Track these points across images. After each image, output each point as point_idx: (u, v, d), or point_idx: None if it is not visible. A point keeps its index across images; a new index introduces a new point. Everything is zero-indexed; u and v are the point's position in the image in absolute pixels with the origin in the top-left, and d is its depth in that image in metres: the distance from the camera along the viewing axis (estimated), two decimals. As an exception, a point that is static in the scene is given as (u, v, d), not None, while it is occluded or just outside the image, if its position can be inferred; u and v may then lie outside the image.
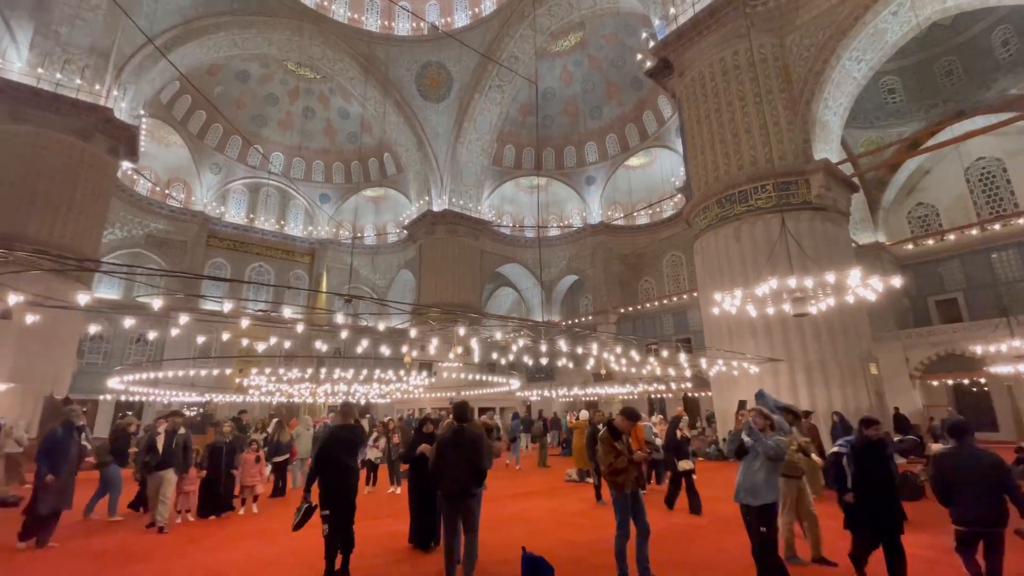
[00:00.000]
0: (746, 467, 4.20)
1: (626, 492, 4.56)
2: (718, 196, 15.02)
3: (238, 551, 5.85)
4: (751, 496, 4.12)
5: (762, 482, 4.09)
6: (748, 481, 4.15)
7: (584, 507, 8.01)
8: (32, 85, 16.93)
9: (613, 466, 4.53)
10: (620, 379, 25.13)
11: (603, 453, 4.62)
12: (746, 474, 4.18)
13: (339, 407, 5.11)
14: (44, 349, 16.74)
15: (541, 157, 31.04)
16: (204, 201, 27.14)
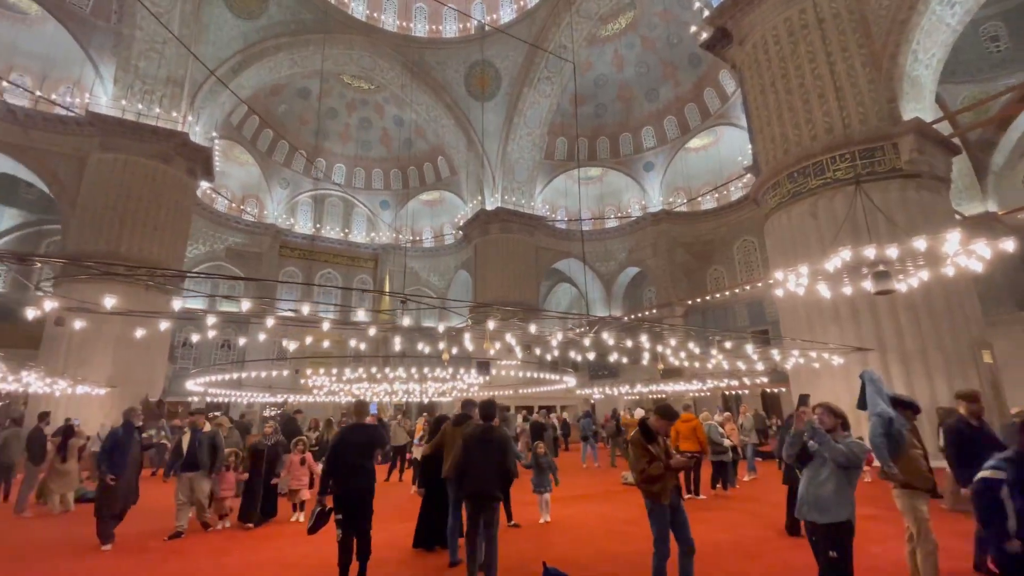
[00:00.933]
0: (811, 476, 3.45)
1: (663, 503, 3.93)
2: (789, 170, 13.60)
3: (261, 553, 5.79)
4: (817, 511, 3.36)
5: (831, 495, 3.32)
6: (813, 493, 3.39)
7: (637, 514, 7.25)
8: (118, 116, 18.62)
9: (646, 473, 3.92)
10: (689, 375, 23.71)
11: (635, 458, 4.02)
12: (811, 484, 3.43)
13: (352, 406, 4.88)
14: (139, 356, 18.30)
15: (577, 147, 30.07)
16: (275, 214, 28.84)
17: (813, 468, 3.45)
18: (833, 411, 3.54)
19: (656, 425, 4.10)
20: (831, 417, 3.52)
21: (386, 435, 5.05)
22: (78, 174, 18.58)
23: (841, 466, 3.30)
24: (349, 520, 4.31)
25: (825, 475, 3.36)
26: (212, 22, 21.01)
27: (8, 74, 18.09)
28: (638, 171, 29.76)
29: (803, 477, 3.51)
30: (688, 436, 8.84)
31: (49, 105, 18.01)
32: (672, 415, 4.11)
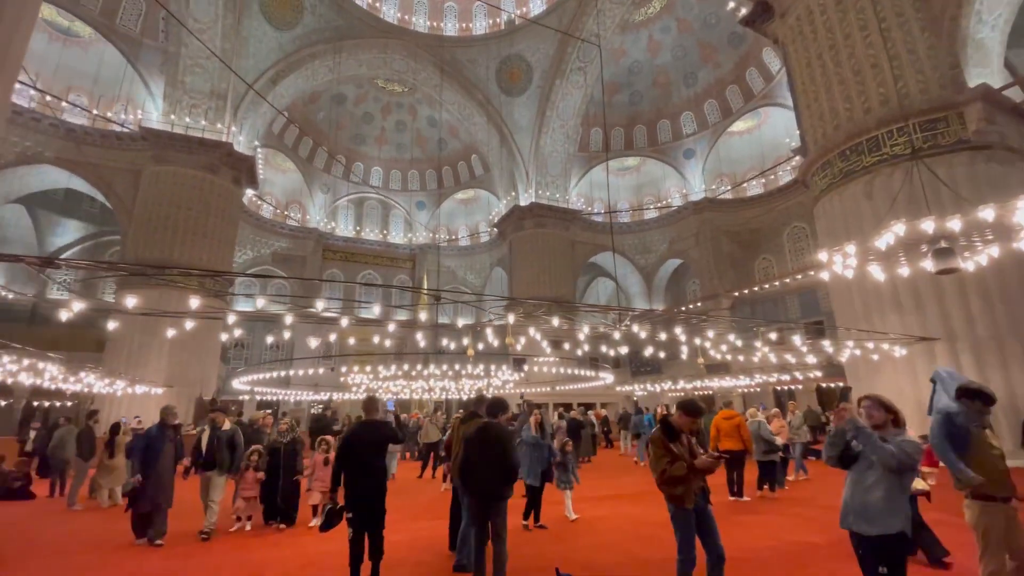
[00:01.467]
0: (856, 480, 3.00)
1: (686, 507, 3.57)
2: (840, 148, 12.63)
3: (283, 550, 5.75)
4: (864, 521, 2.91)
5: (880, 502, 2.87)
6: (859, 500, 2.94)
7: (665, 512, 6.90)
8: (168, 130, 19.61)
9: (668, 474, 3.56)
10: (736, 370, 22.66)
11: (655, 458, 3.67)
12: (855, 490, 2.98)
13: (362, 402, 4.75)
14: (192, 357, 19.27)
15: (609, 136, 29.21)
16: (317, 219, 29.72)
17: (858, 471, 2.99)
18: (883, 405, 3.06)
19: (679, 422, 3.73)
20: (880, 412, 3.04)
21: (401, 432, 4.83)
22: (134, 186, 19.70)
23: (891, 470, 2.85)
24: (359, 519, 4.21)
25: (872, 479, 2.90)
26: (252, 35, 21.76)
27: (66, 95, 19.40)
28: (677, 159, 28.69)
29: (847, 482, 3.07)
30: (730, 433, 8.33)
31: (105, 122, 19.19)
32: (696, 411, 3.73)
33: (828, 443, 3.13)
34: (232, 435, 6.54)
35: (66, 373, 11.40)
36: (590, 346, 22.34)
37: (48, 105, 18.53)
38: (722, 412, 8.72)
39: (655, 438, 3.70)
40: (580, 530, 6.25)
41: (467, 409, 5.41)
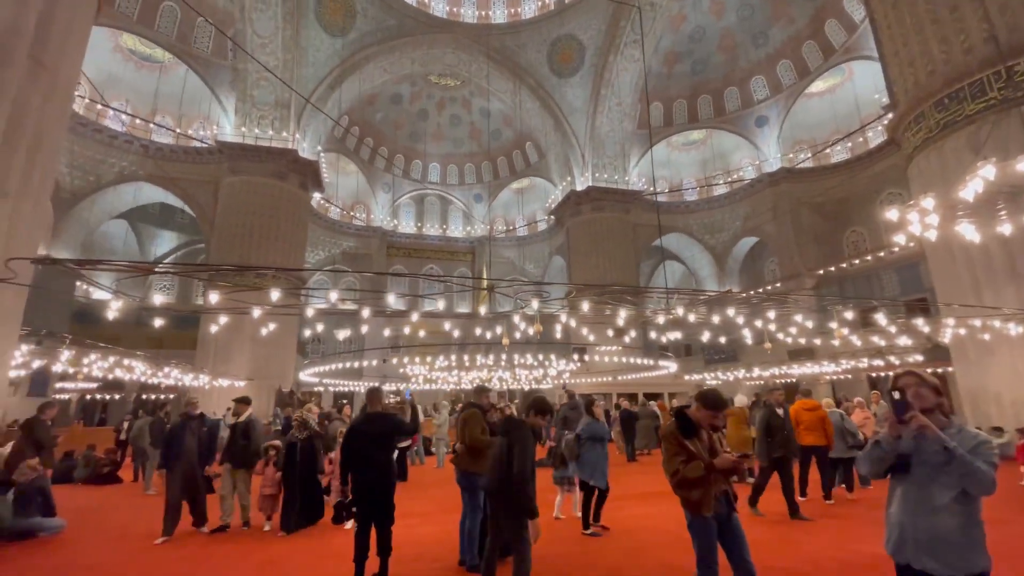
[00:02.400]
0: (916, 498, 2.19)
1: (704, 515, 3.03)
2: (936, 96, 10.91)
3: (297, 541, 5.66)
4: (933, 557, 2.11)
5: (957, 533, 2.09)
6: (924, 525, 2.14)
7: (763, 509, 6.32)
8: (240, 142, 21.01)
9: (681, 475, 3.05)
10: (823, 355, 20.62)
11: (667, 456, 3.16)
12: (918, 511, 2.17)
13: (365, 394, 4.59)
14: (272, 352, 20.62)
15: (671, 110, 27.35)
16: (381, 217, 30.78)
17: (917, 484, 2.19)
18: (931, 385, 2.27)
19: (698, 416, 3.18)
20: (931, 394, 2.24)
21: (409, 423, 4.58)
22: (214, 197, 21.37)
23: (976, 482, 2.05)
24: (363, 512, 4.08)
25: (945, 499, 2.10)
26: (310, 44, 22.70)
27: (153, 117, 21.36)
28: (749, 128, 26.46)
29: (897, 495, 2.30)
30: (814, 427, 7.23)
31: (187, 139, 20.92)
32: (716, 403, 3.16)
33: (873, 458, 2.31)
34: (246, 426, 6.25)
35: (153, 369, 12.50)
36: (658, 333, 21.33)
37: (138, 128, 20.53)
38: (802, 402, 7.62)
39: (667, 433, 3.18)
40: (615, 531, 5.74)
41: (467, 400, 5.13)
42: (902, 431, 2.20)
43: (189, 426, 6.11)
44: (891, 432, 2.23)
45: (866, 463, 2.34)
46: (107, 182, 19.94)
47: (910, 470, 2.23)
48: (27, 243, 5.70)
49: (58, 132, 6.24)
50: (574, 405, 7.80)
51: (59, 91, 6.07)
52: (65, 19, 6.03)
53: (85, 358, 10.54)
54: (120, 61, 20.57)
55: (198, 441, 6.12)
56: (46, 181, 6.07)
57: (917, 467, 2.22)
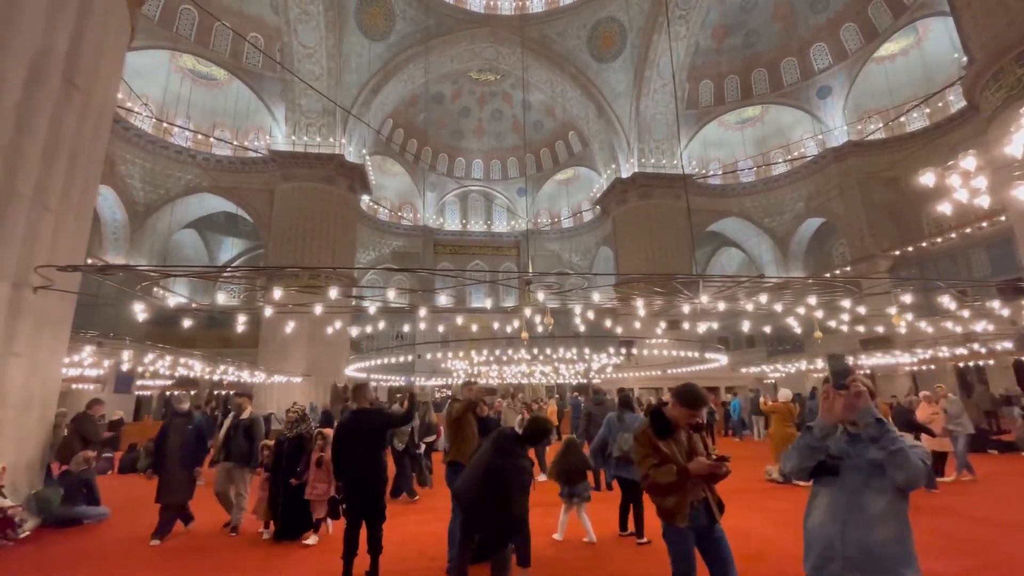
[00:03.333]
0: (847, 504, 1.86)
1: (679, 527, 2.70)
2: (1016, 50, 9.51)
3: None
4: (865, 574, 1.81)
5: (891, 544, 1.78)
6: (858, 537, 1.81)
7: (771, 525, 5.66)
8: (290, 150, 21.99)
9: (652, 480, 2.71)
10: (903, 343, 18.80)
11: (639, 458, 2.83)
12: (850, 522, 1.84)
13: (351, 390, 4.53)
14: (327, 349, 21.40)
15: (723, 87, 25.69)
16: (427, 216, 31.31)
17: (848, 490, 1.87)
18: (867, 386, 1.96)
19: (675, 414, 2.83)
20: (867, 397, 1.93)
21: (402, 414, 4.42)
22: (269, 204, 22.52)
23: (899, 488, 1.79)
24: (352, 510, 4.05)
25: (880, 506, 1.80)
26: (352, 51, 23.33)
27: (212, 132, 22.76)
28: (810, 100, 24.50)
29: (821, 504, 1.95)
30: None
31: (243, 151, 22.15)
32: (695, 401, 2.80)
33: (803, 447, 1.98)
34: (250, 425, 5.86)
35: (211, 367, 13.32)
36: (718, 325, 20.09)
37: (200, 142, 22.00)
38: None
39: (641, 434, 2.86)
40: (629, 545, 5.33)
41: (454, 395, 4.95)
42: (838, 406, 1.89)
43: (175, 424, 5.72)
44: (826, 414, 1.90)
45: (792, 456, 1.99)
46: (175, 194, 21.52)
47: (839, 474, 1.92)
48: (70, 254, 6.11)
49: (96, 150, 6.66)
50: (600, 401, 7.44)
51: (94, 111, 6.47)
52: (96, 42, 6.40)
53: (145, 357, 11.37)
54: (181, 81, 22.07)
55: (183, 440, 5.65)
56: (86, 196, 6.50)
57: (848, 472, 1.90)
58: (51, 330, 5.88)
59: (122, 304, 14.86)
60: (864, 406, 1.82)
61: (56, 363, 6.13)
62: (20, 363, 5.40)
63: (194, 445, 5.74)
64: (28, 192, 5.45)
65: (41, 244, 5.60)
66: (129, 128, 19.83)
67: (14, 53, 5.32)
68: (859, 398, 1.83)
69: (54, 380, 6.20)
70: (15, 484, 5.43)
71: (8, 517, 4.87)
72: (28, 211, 5.45)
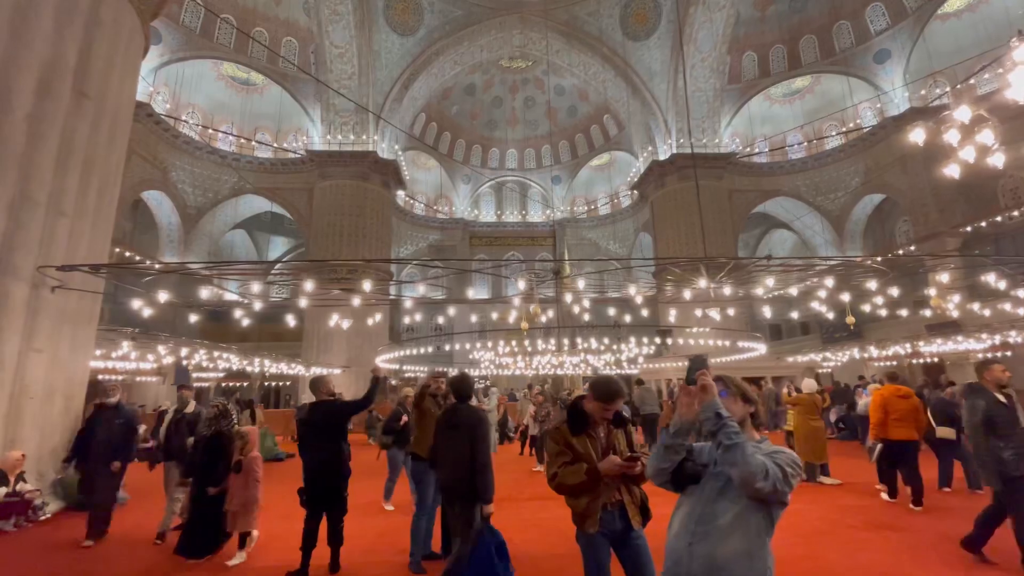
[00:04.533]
0: (700, 514, 1.66)
1: (590, 533, 2.46)
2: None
3: None
4: None
5: (738, 558, 1.57)
6: (704, 551, 1.60)
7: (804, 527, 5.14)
8: (326, 149, 22.65)
9: (560, 480, 2.48)
10: (973, 328, 17.10)
11: (549, 457, 2.60)
12: (699, 533, 1.64)
13: (309, 383, 4.50)
14: (365, 342, 22.04)
15: (768, 58, 23.99)
16: (463, 209, 31.48)
17: (701, 499, 1.68)
18: (741, 391, 1.82)
19: (592, 409, 2.58)
20: (737, 403, 1.78)
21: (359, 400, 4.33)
22: (309, 203, 23.34)
23: (757, 499, 1.56)
24: (311, 500, 4.03)
25: (728, 516, 1.60)
26: (382, 47, 23.64)
27: (255, 135, 23.80)
28: (866, 66, 22.52)
29: (678, 516, 1.74)
30: (904, 417, 5.94)
31: (283, 153, 23.04)
32: (610, 394, 2.53)
33: (659, 447, 1.77)
34: (194, 419, 5.34)
35: (242, 360, 13.99)
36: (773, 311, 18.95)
37: (244, 146, 23.06)
38: (890, 387, 6.28)
39: (554, 429, 2.64)
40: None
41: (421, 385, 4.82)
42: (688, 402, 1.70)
43: (102, 417, 5.26)
44: (681, 410, 1.70)
45: (657, 457, 1.77)
46: (222, 197, 22.71)
47: (702, 484, 1.73)
48: (89, 256, 6.48)
49: (111, 156, 7.04)
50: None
51: (107, 119, 6.82)
52: (105, 52, 6.73)
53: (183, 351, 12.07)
54: (224, 88, 23.19)
55: (110, 435, 5.15)
56: (104, 201, 6.88)
57: (708, 479, 1.70)
58: (72, 327, 6.29)
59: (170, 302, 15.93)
60: (708, 400, 1.62)
61: (80, 358, 6.56)
62: (41, 358, 5.81)
63: (121, 440, 5.19)
64: (43, 199, 5.82)
65: (57, 247, 5.98)
66: (179, 136, 21.05)
67: (24, 66, 5.66)
68: (705, 392, 1.64)
69: (80, 373, 6.64)
70: (41, 470, 5.87)
71: (26, 500, 5.28)
72: (44, 217, 5.82)
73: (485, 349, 15.13)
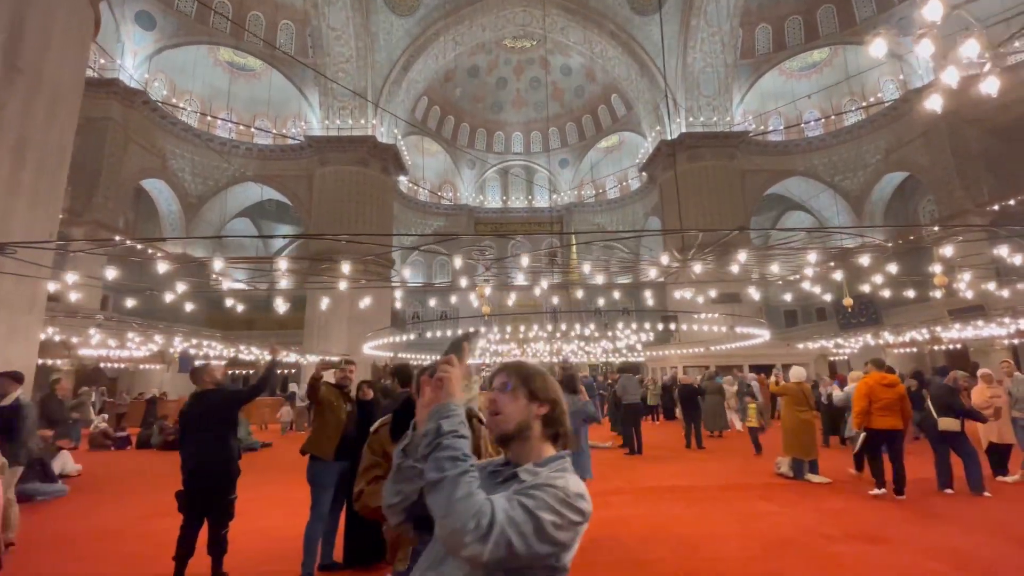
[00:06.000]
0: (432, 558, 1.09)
1: (399, 571, 1.79)
2: None
3: None
4: None
5: None
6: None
7: (734, 537, 4.56)
8: (325, 135, 22.33)
9: (364, 501, 1.90)
10: (998, 312, 16.05)
11: (361, 469, 2.03)
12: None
13: (190, 375, 3.98)
14: (367, 328, 21.88)
15: (783, 30, 22.68)
16: (467, 195, 30.95)
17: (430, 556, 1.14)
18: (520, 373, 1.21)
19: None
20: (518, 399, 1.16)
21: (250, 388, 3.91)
22: (309, 189, 23.12)
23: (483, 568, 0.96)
24: (190, 503, 3.55)
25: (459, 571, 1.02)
26: (380, 29, 23.09)
27: (253, 122, 23.60)
28: (889, 35, 21.09)
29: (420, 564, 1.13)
30: (890, 407, 5.58)
31: (283, 139, 22.82)
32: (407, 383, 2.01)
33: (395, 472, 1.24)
34: (13, 412, 4.74)
35: (227, 347, 13.87)
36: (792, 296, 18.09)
37: (243, 133, 22.90)
38: (875, 375, 5.88)
39: (372, 432, 2.13)
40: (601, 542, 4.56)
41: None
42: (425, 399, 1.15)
43: None
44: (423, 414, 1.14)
45: (390, 485, 1.23)
46: (223, 185, 22.64)
47: None
48: (27, 237, 6.20)
49: (51, 134, 6.72)
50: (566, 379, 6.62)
51: (44, 95, 6.52)
52: (41, 25, 6.40)
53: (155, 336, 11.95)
54: (221, 74, 22.97)
55: None
56: (42, 180, 6.59)
57: None
58: (7, 313, 6.05)
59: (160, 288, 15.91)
60: (439, 403, 1.05)
61: (18, 344, 6.32)
62: (-32, 345, 5.57)
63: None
64: (-35, 176, 5.54)
65: (-17, 228, 5.70)
66: (176, 123, 20.96)
67: (-57, 38, 5.36)
68: (439, 388, 1.07)
69: (24, 358, 6.41)
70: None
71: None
72: (-33, 195, 5.55)
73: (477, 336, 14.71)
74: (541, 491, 0.99)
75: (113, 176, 18.33)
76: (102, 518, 5.56)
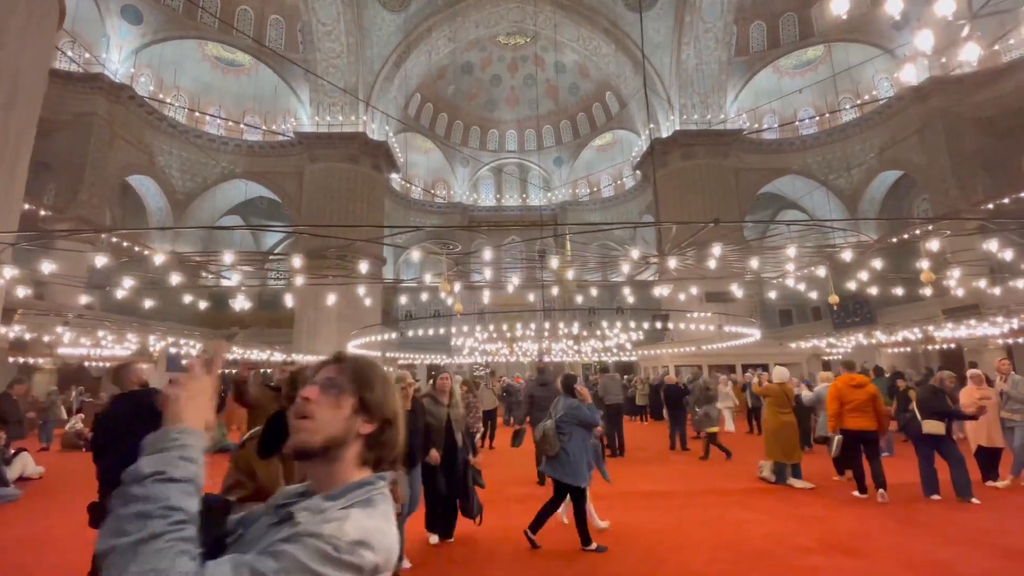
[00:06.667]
0: None
1: None
2: None
3: None
4: None
5: None
6: None
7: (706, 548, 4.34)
8: (315, 131, 22.09)
9: None
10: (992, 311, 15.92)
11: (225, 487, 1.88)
12: None
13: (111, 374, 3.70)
14: (356, 327, 21.78)
15: (777, 27, 22.51)
16: (461, 193, 30.72)
17: None
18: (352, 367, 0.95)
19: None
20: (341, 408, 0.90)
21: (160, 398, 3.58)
22: (299, 186, 22.89)
23: None
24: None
25: None
26: (372, 24, 22.84)
27: (243, 118, 23.33)
28: (883, 33, 20.96)
29: None
30: (862, 408, 5.53)
31: (272, 135, 22.57)
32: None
33: None
34: None
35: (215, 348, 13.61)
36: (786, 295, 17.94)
37: (232, 129, 22.64)
38: (845, 376, 5.84)
39: (240, 447, 1.92)
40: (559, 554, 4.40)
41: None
42: None
43: None
44: None
45: None
46: (212, 182, 22.39)
47: None
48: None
49: (9, 123, 6.49)
50: (544, 381, 6.45)
51: (4, 83, 6.28)
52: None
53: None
54: (209, 70, 22.70)
55: None
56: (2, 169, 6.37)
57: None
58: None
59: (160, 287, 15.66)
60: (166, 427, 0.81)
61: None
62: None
63: None
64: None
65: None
66: (164, 119, 20.69)
67: None
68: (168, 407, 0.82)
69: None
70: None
71: None
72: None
73: (463, 335, 14.52)
74: (296, 544, 0.71)
75: (98, 172, 18.06)
76: (44, 525, 5.35)
